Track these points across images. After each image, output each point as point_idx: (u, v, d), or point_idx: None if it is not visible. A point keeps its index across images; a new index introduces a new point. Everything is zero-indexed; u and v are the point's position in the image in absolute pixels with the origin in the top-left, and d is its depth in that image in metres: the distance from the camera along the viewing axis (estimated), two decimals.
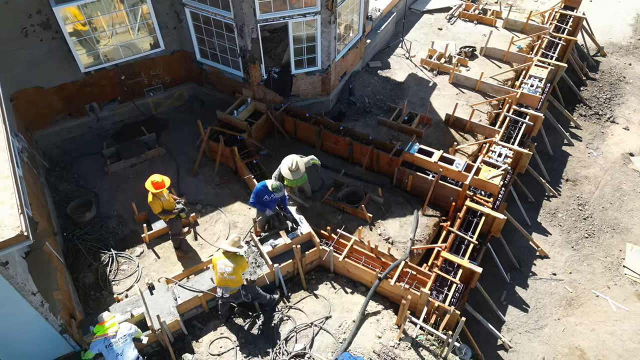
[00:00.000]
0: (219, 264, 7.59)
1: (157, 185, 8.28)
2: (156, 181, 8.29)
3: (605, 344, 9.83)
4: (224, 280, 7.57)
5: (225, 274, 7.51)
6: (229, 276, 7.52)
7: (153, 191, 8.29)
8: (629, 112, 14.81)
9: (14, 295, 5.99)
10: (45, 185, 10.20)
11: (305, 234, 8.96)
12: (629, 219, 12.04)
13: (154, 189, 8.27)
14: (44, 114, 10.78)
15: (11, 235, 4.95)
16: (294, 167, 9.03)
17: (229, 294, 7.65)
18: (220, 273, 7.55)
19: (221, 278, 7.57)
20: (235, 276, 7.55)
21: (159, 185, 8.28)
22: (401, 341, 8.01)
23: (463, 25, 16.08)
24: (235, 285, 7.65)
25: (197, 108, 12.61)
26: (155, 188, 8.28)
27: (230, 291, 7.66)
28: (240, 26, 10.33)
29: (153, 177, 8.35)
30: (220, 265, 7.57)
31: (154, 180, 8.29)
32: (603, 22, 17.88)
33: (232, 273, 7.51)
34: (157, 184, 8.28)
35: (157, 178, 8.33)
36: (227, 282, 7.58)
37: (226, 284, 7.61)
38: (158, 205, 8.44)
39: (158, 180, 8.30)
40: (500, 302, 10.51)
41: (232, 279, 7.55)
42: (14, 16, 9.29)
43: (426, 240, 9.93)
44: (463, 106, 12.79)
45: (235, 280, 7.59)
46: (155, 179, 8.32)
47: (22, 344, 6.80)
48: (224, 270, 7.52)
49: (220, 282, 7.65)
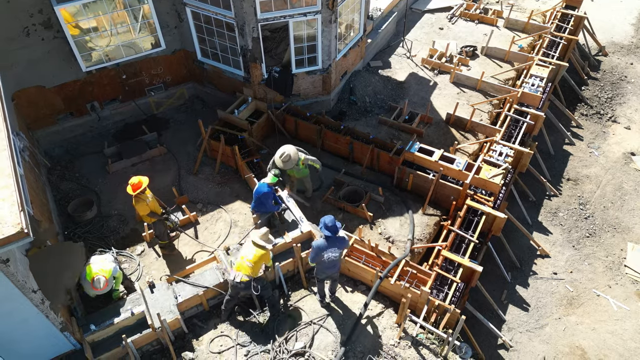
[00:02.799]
0: (244, 248, 7.79)
1: (135, 187, 8.35)
2: (133, 183, 8.37)
3: (606, 344, 9.81)
4: (242, 265, 7.62)
5: (246, 259, 7.63)
6: (247, 262, 7.61)
7: (133, 193, 8.36)
8: (631, 112, 14.79)
9: (14, 292, 6.01)
10: (46, 184, 10.23)
11: (306, 233, 8.97)
12: (630, 218, 12.02)
13: (133, 192, 8.35)
14: (45, 113, 10.82)
15: (11, 232, 4.97)
16: (284, 157, 9.11)
17: (240, 279, 7.59)
18: (242, 256, 7.68)
19: (240, 262, 7.65)
20: (253, 264, 7.64)
21: (137, 186, 8.36)
22: (401, 340, 8.01)
23: (464, 25, 16.08)
24: (249, 273, 7.64)
25: (198, 107, 12.64)
26: (134, 189, 8.35)
27: (242, 278, 7.60)
28: (241, 25, 10.34)
29: (130, 180, 8.44)
30: (244, 250, 7.76)
31: (132, 183, 8.38)
32: (604, 21, 17.86)
33: (252, 260, 7.62)
34: (135, 185, 8.35)
35: (134, 180, 8.42)
36: (244, 267, 7.61)
37: (242, 270, 7.62)
38: (144, 206, 8.53)
39: (135, 182, 8.38)
40: (501, 301, 10.50)
41: (249, 265, 7.62)
42: (16, 15, 9.33)
43: (427, 239, 9.93)
44: (464, 105, 12.79)
45: (252, 269, 7.64)
46: (132, 181, 8.41)
47: (23, 342, 6.81)
48: (246, 254, 7.66)
49: (237, 267, 7.69)
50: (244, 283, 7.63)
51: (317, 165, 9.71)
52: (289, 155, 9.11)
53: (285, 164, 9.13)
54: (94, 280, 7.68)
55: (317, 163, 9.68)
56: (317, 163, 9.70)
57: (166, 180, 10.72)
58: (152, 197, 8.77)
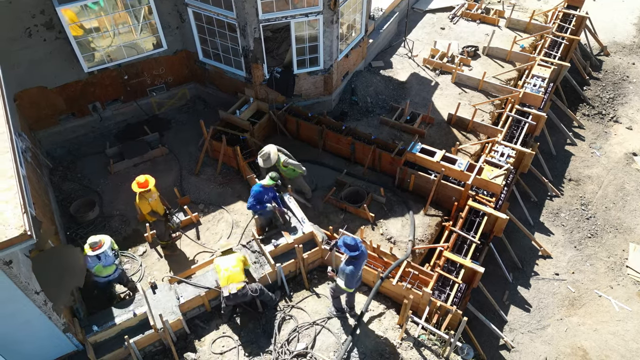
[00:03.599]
0: (221, 262, 7.89)
1: (141, 185, 8.41)
2: (140, 181, 8.44)
3: (608, 344, 9.81)
4: (230, 276, 7.71)
5: (230, 267, 7.77)
6: (233, 269, 7.76)
7: (138, 190, 8.40)
8: (632, 112, 14.76)
9: (17, 294, 6.03)
10: (48, 185, 10.25)
11: (308, 234, 8.98)
12: (632, 218, 12.01)
13: (138, 188, 8.40)
14: (47, 113, 10.83)
15: (15, 235, 4.98)
16: (263, 155, 9.31)
17: (235, 290, 7.65)
18: (225, 269, 7.78)
19: (226, 274, 7.75)
20: (238, 268, 7.80)
21: (143, 185, 8.42)
22: (403, 341, 8.01)
23: (465, 25, 16.06)
24: (239, 280, 7.73)
25: (199, 108, 12.64)
26: (140, 186, 8.41)
27: (237, 287, 7.66)
28: (242, 26, 10.34)
29: (137, 178, 8.51)
30: (222, 263, 7.88)
31: (138, 181, 8.45)
32: (606, 21, 17.83)
33: (236, 265, 7.81)
34: (142, 184, 8.42)
35: (141, 178, 8.48)
36: (232, 276, 7.71)
37: (230, 280, 7.69)
38: (146, 205, 8.56)
39: (142, 181, 8.44)
40: (503, 302, 10.50)
41: (236, 271, 7.76)
42: (18, 16, 9.34)
43: (428, 240, 9.93)
44: (465, 106, 12.78)
45: (238, 274, 7.76)
46: (139, 179, 8.48)
47: (26, 343, 6.83)
48: (228, 264, 7.81)
49: (224, 281, 7.75)
50: (240, 290, 7.70)
51: (300, 170, 9.69)
52: (268, 154, 9.29)
53: (264, 162, 9.34)
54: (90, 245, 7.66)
55: (299, 168, 9.66)
56: (300, 168, 9.67)
57: (168, 180, 10.73)
58: (157, 197, 8.78)
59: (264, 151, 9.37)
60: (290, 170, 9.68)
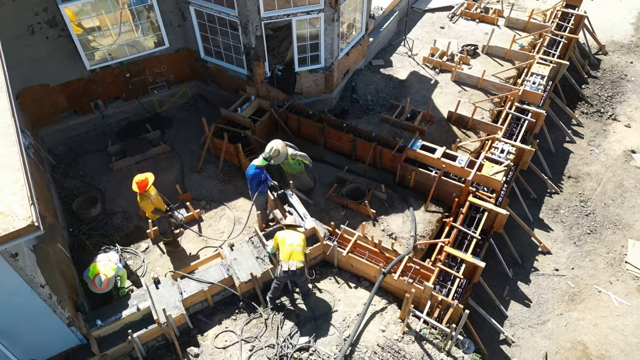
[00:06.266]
0: (287, 236, 7.88)
1: (141, 185, 8.38)
2: (139, 181, 8.40)
3: (607, 339, 9.88)
4: (294, 252, 7.74)
5: (295, 245, 7.79)
6: (298, 247, 7.78)
7: (138, 191, 8.40)
8: (631, 110, 14.86)
9: (23, 287, 6.07)
10: (51, 182, 10.29)
11: (310, 229, 9.02)
12: (630, 215, 12.09)
13: (138, 190, 8.38)
14: (49, 111, 10.88)
15: (22, 226, 5.02)
16: (273, 152, 9.19)
17: (295, 267, 7.68)
18: (290, 244, 7.78)
19: (289, 250, 7.75)
20: (301, 248, 7.83)
21: (144, 184, 8.39)
22: (405, 335, 8.06)
23: (465, 24, 16.14)
24: (300, 260, 7.77)
25: (201, 105, 12.69)
26: (140, 187, 8.38)
27: (297, 265, 7.70)
28: (244, 24, 10.41)
29: (136, 178, 8.47)
30: (289, 238, 7.86)
31: (137, 181, 8.41)
32: (604, 20, 17.93)
33: (300, 244, 7.84)
34: (140, 183, 8.38)
35: (139, 177, 8.45)
36: (295, 253, 7.74)
37: (293, 257, 7.73)
38: (149, 204, 8.58)
39: (140, 180, 8.41)
40: (503, 297, 10.56)
41: (299, 250, 7.79)
42: (21, 14, 9.39)
43: (429, 236, 9.99)
44: (465, 104, 12.85)
45: (300, 253, 7.80)
46: (137, 178, 8.44)
47: (30, 336, 6.86)
48: (293, 241, 7.81)
49: (287, 256, 7.75)
50: (300, 269, 7.74)
51: (306, 160, 9.83)
52: (278, 150, 9.24)
53: (275, 159, 9.28)
54: (95, 278, 7.68)
55: (306, 159, 9.80)
56: (307, 159, 9.82)
57: (170, 178, 10.78)
58: (156, 194, 8.83)
59: (273, 148, 9.18)
60: (297, 163, 9.71)
